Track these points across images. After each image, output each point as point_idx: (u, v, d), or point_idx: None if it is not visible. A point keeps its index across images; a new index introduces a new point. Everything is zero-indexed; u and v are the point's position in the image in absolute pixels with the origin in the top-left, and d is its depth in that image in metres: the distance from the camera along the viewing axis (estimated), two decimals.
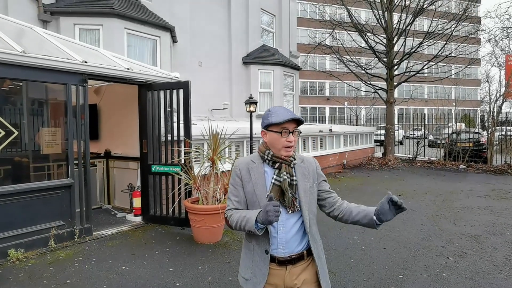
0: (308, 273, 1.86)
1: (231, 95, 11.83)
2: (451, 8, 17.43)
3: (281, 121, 1.75)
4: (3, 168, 4.57)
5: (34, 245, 4.57)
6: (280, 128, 1.78)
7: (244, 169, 1.87)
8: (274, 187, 1.80)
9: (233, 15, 11.85)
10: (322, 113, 39.52)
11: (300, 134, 1.86)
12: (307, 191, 1.86)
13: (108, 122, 7.52)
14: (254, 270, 1.83)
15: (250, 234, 1.83)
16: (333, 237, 5.29)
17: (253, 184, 1.83)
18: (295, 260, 1.83)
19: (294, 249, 1.83)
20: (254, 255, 1.84)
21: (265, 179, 1.84)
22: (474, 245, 4.96)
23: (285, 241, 1.81)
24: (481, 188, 9.46)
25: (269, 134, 1.82)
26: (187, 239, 5.20)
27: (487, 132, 14.40)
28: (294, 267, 1.83)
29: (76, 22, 7.43)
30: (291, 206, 1.81)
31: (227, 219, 1.89)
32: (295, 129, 1.81)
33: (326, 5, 18.37)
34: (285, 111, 1.80)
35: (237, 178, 1.88)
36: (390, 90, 15.63)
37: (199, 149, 5.80)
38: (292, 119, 1.76)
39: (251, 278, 1.83)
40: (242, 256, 1.94)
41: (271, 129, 1.80)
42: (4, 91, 4.66)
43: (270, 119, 1.80)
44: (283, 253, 1.82)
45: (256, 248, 1.84)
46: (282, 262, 1.81)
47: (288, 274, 1.82)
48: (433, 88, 40.28)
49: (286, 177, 1.81)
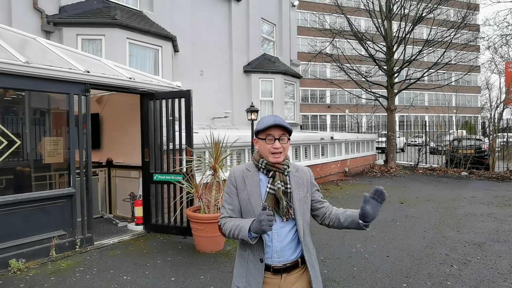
0: (303, 281, 1.87)
1: (232, 104, 11.88)
2: (449, 16, 17.55)
3: (263, 128, 1.80)
4: (5, 177, 4.57)
5: (35, 255, 4.55)
6: (265, 135, 1.82)
7: (239, 177, 1.88)
8: (269, 196, 1.81)
9: (233, 24, 11.96)
10: (323, 121, 39.56)
11: (289, 141, 1.88)
12: (301, 200, 1.87)
13: (110, 131, 7.54)
14: (248, 279, 1.82)
15: (244, 243, 1.83)
16: (336, 245, 5.26)
17: (248, 192, 1.84)
18: (290, 268, 1.83)
19: (289, 257, 1.83)
20: (249, 264, 1.83)
21: (260, 188, 1.85)
22: (478, 253, 4.92)
23: (280, 249, 1.81)
24: (484, 195, 9.42)
25: (259, 141, 1.87)
26: (189, 248, 5.18)
27: (488, 138, 14.38)
28: (289, 275, 1.83)
29: (78, 33, 7.50)
30: (286, 214, 1.82)
31: (220, 227, 1.90)
32: (283, 136, 1.82)
33: (326, 14, 18.53)
34: (270, 118, 1.83)
35: (232, 187, 1.89)
36: (391, 98, 15.68)
37: (201, 158, 5.80)
38: (273, 125, 1.79)
39: (245, 287, 1.83)
40: (236, 265, 1.94)
41: (259, 136, 1.86)
42: (7, 101, 4.69)
43: (256, 127, 1.87)
44: (278, 262, 1.81)
45: (251, 256, 1.83)
46: (277, 270, 1.81)
47: (283, 283, 1.82)
48: (433, 95, 40.36)
49: (281, 185, 1.82)
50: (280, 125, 1.80)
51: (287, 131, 1.84)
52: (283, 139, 1.82)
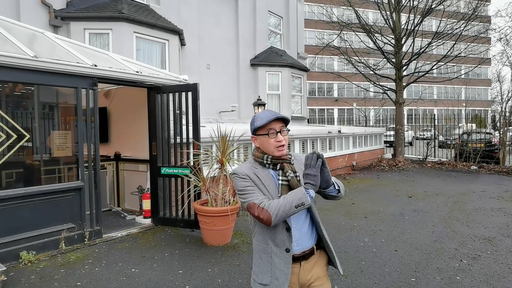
0: (318, 267, 1.92)
1: (239, 97, 11.85)
2: (460, 7, 17.20)
3: (265, 123, 1.80)
4: (15, 171, 4.62)
5: (45, 248, 4.61)
6: (266, 130, 1.82)
7: (251, 174, 1.85)
8: (283, 187, 1.82)
9: (240, 17, 11.89)
10: (331, 114, 39.35)
11: (289, 132, 1.91)
12: None
13: (118, 125, 7.58)
14: (274, 273, 1.81)
15: (265, 237, 1.83)
16: (344, 239, 5.24)
17: (265, 185, 1.83)
18: (307, 255, 1.88)
19: (306, 244, 1.87)
20: (273, 258, 1.82)
21: (274, 181, 1.85)
22: (488, 248, 4.86)
23: (299, 237, 1.85)
24: (494, 189, 9.30)
25: (259, 138, 1.86)
26: (197, 241, 5.20)
27: (499, 132, 14.16)
28: (307, 262, 1.88)
29: (86, 27, 7.52)
30: None
31: (261, 211, 1.70)
32: (283, 128, 1.84)
33: (334, 6, 18.32)
34: (268, 113, 1.84)
35: (248, 179, 1.82)
36: (399, 91, 15.49)
37: (208, 151, 5.80)
38: (275, 118, 1.80)
39: (271, 281, 1.81)
40: (257, 261, 1.90)
41: (259, 133, 1.84)
42: (17, 95, 4.73)
43: (255, 123, 1.84)
44: (297, 250, 1.85)
45: (275, 249, 1.82)
46: (296, 258, 1.85)
47: (302, 271, 1.86)
48: (442, 89, 39.87)
49: (293, 175, 1.83)
50: (281, 117, 1.82)
51: (286, 123, 1.86)
52: (283, 131, 1.84)
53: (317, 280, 1.89)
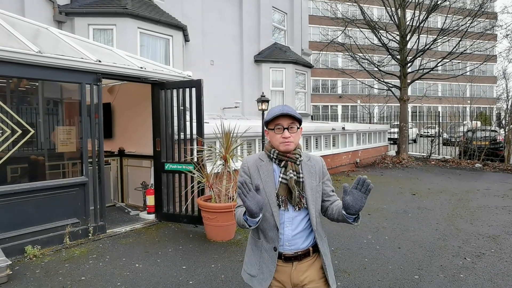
0: (314, 269, 1.89)
1: (243, 94, 11.82)
2: (466, 3, 17.02)
3: (270, 118, 1.81)
4: (20, 166, 4.65)
5: (50, 242, 4.64)
6: (273, 125, 1.83)
7: (253, 167, 1.89)
8: (282, 185, 1.83)
9: (244, 13, 11.84)
10: (334, 111, 39.20)
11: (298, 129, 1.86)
12: (313, 189, 1.88)
13: (122, 121, 7.60)
14: (261, 266, 1.85)
15: (258, 231, 1.88)
16: (347, 236, 5.24)
17: (262, 181, 1.84)
18: (301, 256, 1.85)
19: (300, 245, 1.85)
20: (262, 252, 1.86)
21: (274, 177, 1.86)
22: (492, 246, 4.84)
23: (291, 237, 1.83)
24: (498, 187, 9.25)
25: (269, 132, 1.88)
26: (200, 237, 5.22)
27: (504, 130, 14.06)
28: (300, 263, 1.86)
29: (90, 22, 7.52)
30: (298, 203, 1.83)
31: (234, 214, 1.94)
32: (291, 125, 1.81)
33: (338, 2, 18.20)
34: (277, 109, 1.83)
35: (246, 175, 1.90)
36: (404, 88, 15.40)
37: (212, 148, 5.81)
38: (280, 114, 1.78)
39: (257, 274, 1.86)
40: (248, 253, 1.97)
41: (269, 127, 1.86)
42: (21, 91, 4.74)
43: (266, 117, 1.87)
44: (289, 250, 1.84)
45: (265, 245, 1.86)
46: (288, 258, 1.84)
47: (294, 271, 1.85)
48: (447, 86, 39.60)
49: (293, 175, 1.83)
50: (287, 114, 1.78)
51: (297, 120, 1.83)
52: (292, 127, 1.82)
53: (311, 282, 1.86)
